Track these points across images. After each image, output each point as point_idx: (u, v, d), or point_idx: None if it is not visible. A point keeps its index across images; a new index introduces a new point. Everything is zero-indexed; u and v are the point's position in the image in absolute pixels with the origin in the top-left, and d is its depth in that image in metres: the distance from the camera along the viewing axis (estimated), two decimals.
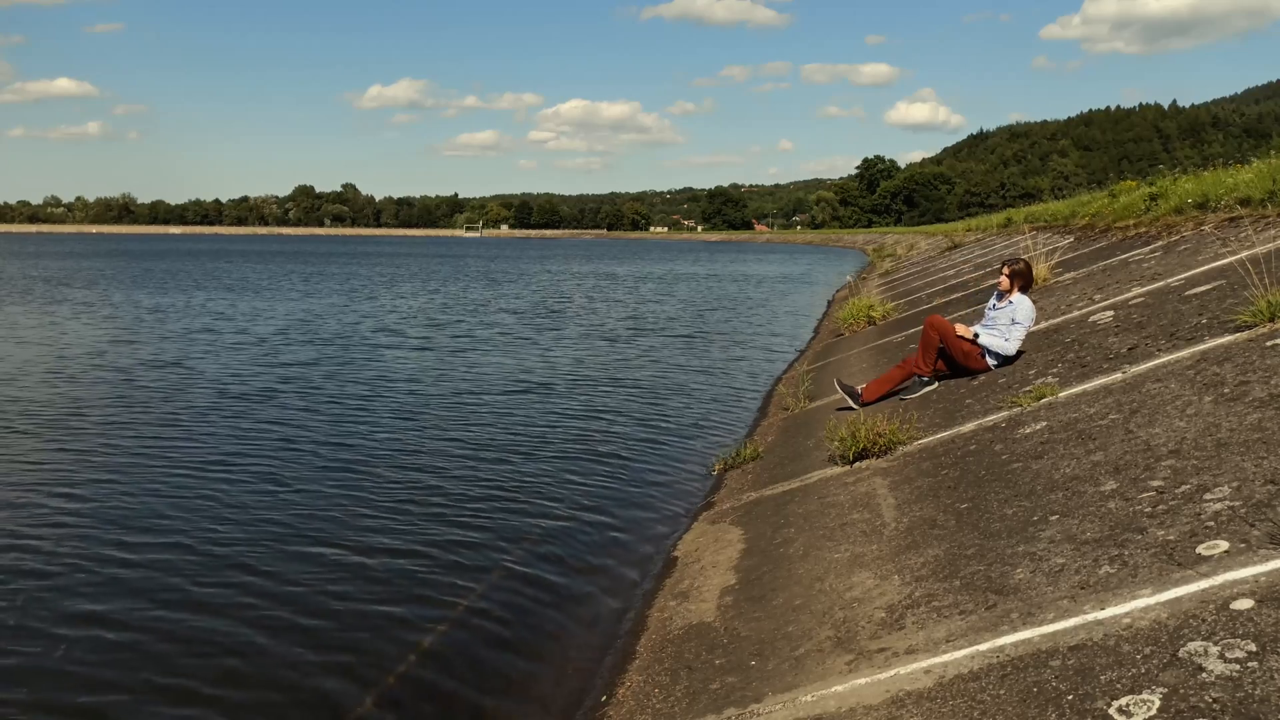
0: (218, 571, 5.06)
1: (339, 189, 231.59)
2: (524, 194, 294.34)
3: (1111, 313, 7.12)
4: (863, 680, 2.91)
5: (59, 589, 4.78)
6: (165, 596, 4.71)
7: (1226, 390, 4.18)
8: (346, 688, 3.87)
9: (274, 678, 3.91)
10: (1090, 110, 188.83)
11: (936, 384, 7.02)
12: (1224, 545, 2.81)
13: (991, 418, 5.52)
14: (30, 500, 6.35)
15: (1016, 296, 6.95)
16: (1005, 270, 7.10)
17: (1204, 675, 2.22)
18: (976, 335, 6.89)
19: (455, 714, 3.75)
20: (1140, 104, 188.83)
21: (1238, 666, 2.21)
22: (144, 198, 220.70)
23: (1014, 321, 6.82)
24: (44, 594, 4.71)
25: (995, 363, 6.84)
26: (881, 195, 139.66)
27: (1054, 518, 3.60)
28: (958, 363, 6.98)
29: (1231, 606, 2.46)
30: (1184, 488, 3.35)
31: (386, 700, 3.80)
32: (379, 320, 19.51)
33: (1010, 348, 6.77)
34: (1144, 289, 7.52)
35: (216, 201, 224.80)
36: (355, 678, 3.95)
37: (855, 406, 7.15)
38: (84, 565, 5.10)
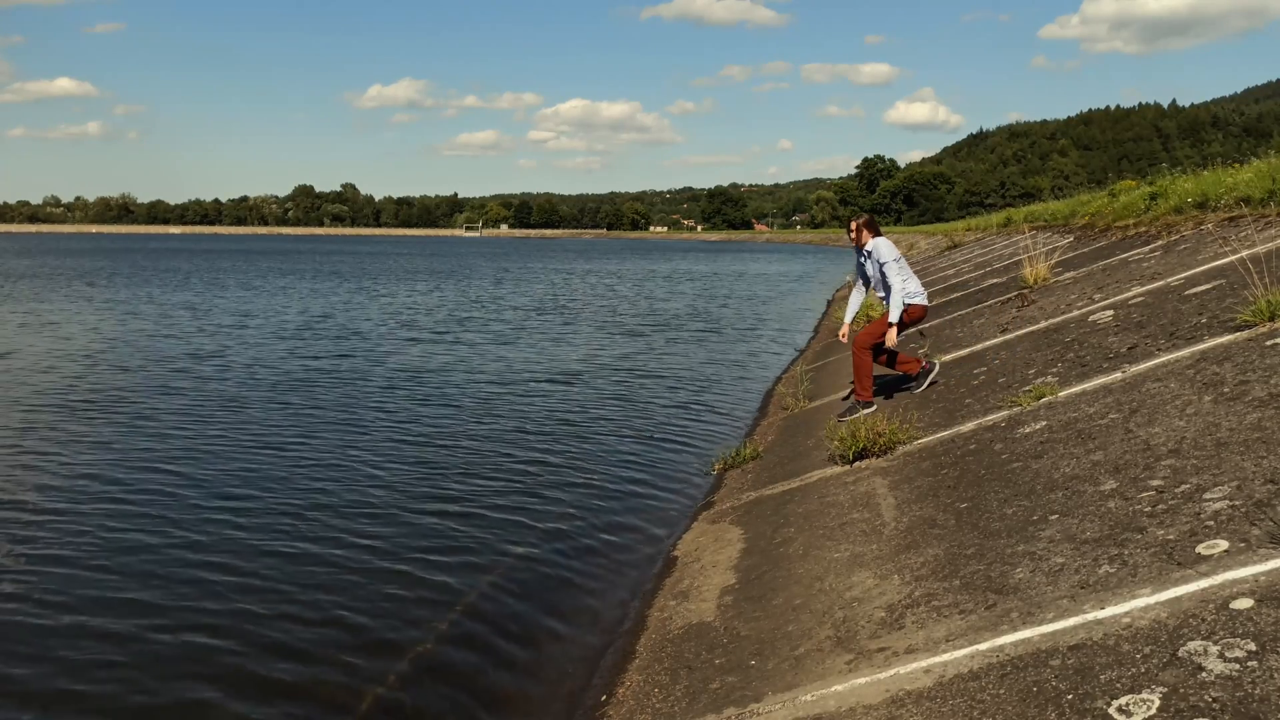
0: (310, 527, 5.87)
1: (339, 189, 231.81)
2: (524, 194, 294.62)
3: (1111, 312, 7.12)
4: (862, 680, 2.91)
5: (190, 545, 5.51)
6: (274, 548, 5.49)
7: (1226, 390, 4.18)
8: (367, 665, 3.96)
9: (357, 607, 4.70)
10: (1090, 110, 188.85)
11: (874, 406, 6.88)
12: (1224, 545, 2.81)
13: (991, 417, 5.52)
14: (131, 478, 6.95)
15: (872, 242, 7.02)
16: (854, 225, 7.18)
17: (1204, 675, 2.22)
18: (890, 324, 6.88)
19: (454, 714, 3.74)
20: (1140, 103, 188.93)
21: (1237, 666, 2.21)
22: (144, 197, 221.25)
23: (881, 263, 6.91)
24: (178, 550, 5.43)
25: (896, 317, 6.89)
26: (881, 195, 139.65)
27: (1054, 517, 3.60)
28: (891, 351, 7.10)
29: (1231, 606, 2.46)
30: (1184, 487, 3.35)
31: (383, 702, 3.80)
32: (400, 316, 20.15)
33: (897, 290, 6.85)
34: (1144, 288, 7.52)
35: (216, 201, 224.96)
36: (361, 673, 3.97)
37: (870, 407, 6.87)
38: (202, 527, 5.83)
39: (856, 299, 7.59)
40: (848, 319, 7.56)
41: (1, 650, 4.18)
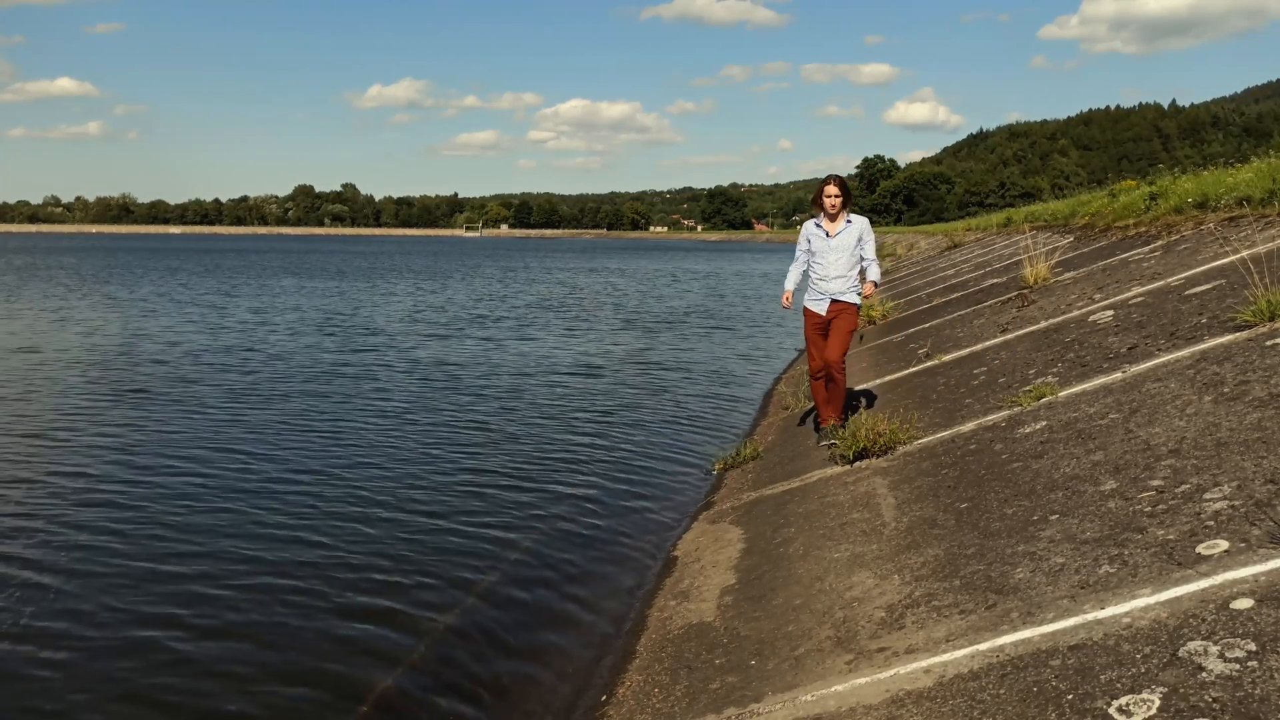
0: (351, 505, 6.42)
1: (339, 189, 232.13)
2: (524, 194, 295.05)
3: (1111, 312, 7.12)
4: (863, 680, 2.91)
5: (264, 514, 6.11)
6: (333, 524, 5.98)
7: (1226, 390, 4.17)
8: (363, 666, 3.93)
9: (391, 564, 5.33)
10: (1090, 110, 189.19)
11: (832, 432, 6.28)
12: (1224, 545, 2.81)
13: (991, 417, 5.52)
14: (197, 460, 7.49)
15: (855, 217, 6.19)
16: (835, 190, 6.09)
17: (1204, 675, 2.22)
18: (874, 282, 6.31)
19: (453, 714, 3.74)
20: (1140, 103, 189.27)
21: (1237, 666, 2.21)
22: (144, 197, 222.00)
23: (860, 240, 6.15)
24: (256, 521, 6.00)
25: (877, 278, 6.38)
26: (881, 195, 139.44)
27: (1054, 517, 3.60)
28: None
29: (1231, 606, 2.46)
30: (1184, 487, 3.35)
31: (382, 700, 3.80)
32: (413, 314, 20.95)
33: (876, 272, 6.25)
34: (1144, 288, 7.52)
35: (216, 201, 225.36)
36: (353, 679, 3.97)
37: (835, 437, 6.05)
38: (271, 499, 6.46)
39: (798, 272, 6.59)
40: (790, 286, 6.58)
41: (117, 607, 4.63)
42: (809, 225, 6.38)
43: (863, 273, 6.32)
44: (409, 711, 3.74)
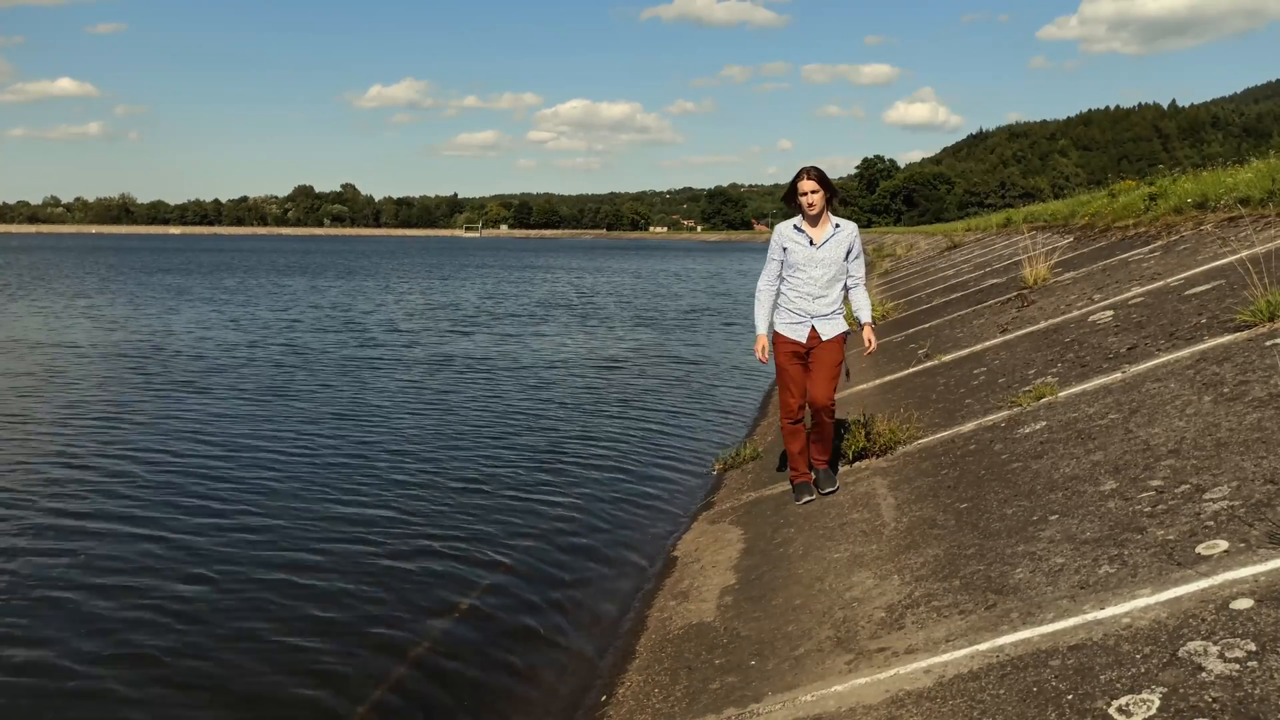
0: (369, 493, 6.82)
1: (338, 189, 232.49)
2: (523, 194, 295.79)
3: (1111, 312, 7.12)
4: (862, 680, 2.91)
5: (329, 499, 6.53)
6: (375, 494, 6.75)
7: (1226, 390, 4.17)
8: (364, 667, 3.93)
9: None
10: (1089, 110, 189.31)
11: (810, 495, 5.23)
12: (1223, 545, 2.81)
13: (991, 417, 5.52)
14: (269, 452, 7.85)
15: (841, 220, 5.02)
16: (811, 180, 4.81)
17: (1203, 675, 2.22)
18: (866, 322, 5.13)
19: (453, 714, 3.74)
20: (1139, 104, 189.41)
21: (1237, 666, 2.21)
22: (143, 198, 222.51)
23: (851, 253, 5.00)
24: (316, 500, 6.52)
25: (869, 316, 5.17)
26: (881, 195, 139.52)
27: (1053, 517, 3.60)
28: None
29: (1231, 606, 2.46)
30: (1183, 487, 3.35)
31: (384, 701, 3.80)
32: (425, 313, 21.48)
33: (867, 309, 5.12)
34: (1143, 289, 7.52)
35: (216, 201, 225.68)
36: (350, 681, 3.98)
37: (816, 491, 5.26)
38: (329, 483, 6.93)
39: (771, 298, 5.18)
40: (763, 328, 5.16)
41: (221, 568, 5.20)
42: (785, 229, 5.03)
43: (847, 292, 5.16)
44: (407, 710, 3.74)
